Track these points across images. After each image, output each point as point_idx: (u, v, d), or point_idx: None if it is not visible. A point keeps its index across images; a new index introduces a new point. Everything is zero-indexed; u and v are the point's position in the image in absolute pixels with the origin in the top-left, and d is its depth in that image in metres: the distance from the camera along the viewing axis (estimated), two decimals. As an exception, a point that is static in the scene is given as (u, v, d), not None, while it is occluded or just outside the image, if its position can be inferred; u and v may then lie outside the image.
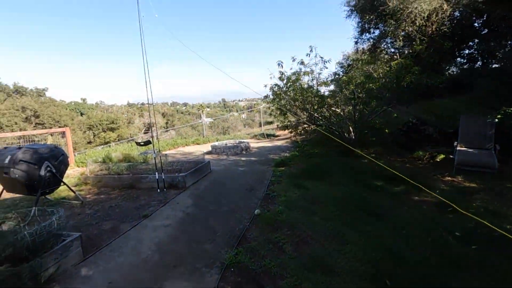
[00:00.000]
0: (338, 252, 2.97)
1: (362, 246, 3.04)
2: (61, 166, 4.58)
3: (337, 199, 4.40)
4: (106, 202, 4.94)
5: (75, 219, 4.19)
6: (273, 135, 13.11)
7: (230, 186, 5.63)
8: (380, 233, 3.35)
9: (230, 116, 46.36)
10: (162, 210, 4.44)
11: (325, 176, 5.74)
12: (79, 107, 45.48)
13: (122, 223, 4.00)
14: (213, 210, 4.37)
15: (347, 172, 6.08)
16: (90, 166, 6.29)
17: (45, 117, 25.96)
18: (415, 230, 3.42)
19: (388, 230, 3.45)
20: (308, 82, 7.25)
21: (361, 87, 6.67)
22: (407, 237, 3.27)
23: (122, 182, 5.77)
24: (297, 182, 5.43)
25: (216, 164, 7.74)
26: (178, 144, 12.50)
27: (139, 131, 35.93)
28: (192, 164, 6.35)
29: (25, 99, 27.07)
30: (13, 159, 3.99)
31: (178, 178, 5.56)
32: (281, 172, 6.39)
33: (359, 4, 13.15)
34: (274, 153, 9.09)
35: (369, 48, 14.57)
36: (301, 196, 4.62)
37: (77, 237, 2.96)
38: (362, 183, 5.26)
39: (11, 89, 30.25)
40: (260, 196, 4.86)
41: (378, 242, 3.10)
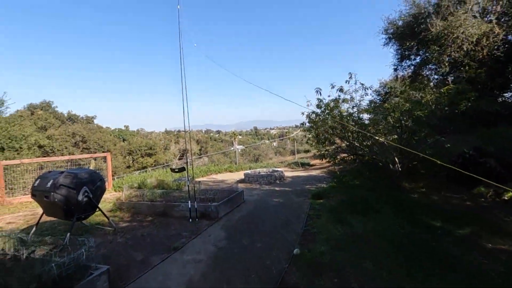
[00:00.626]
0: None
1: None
2: (98, 192, 4.59)
3: (390, 240, 3.81)
4: (138, 230, 4.80)
5: (107, 248, 4.06)
6: (307, 164, 12.61)
7: (265, 219, 5.25)
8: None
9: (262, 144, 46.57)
10: (193, 243, 4.17)
11: (370, 211, 5.14)
12: (122, 133, 48.76)
13: (152, 255, 3.78)
14: (247, 245, 4.00)
15: (395, 207, 5.41)
16: (125, 191, 6.33)
17: (92, 143, 27.99)
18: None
19: (461, 285, 2.81)
20: (348, 110, 6.88)
21: (407, 115, 6.15)
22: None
23: (155, 209, 5.66)
24: (339, 217, 4.90)
25: (250, 193, 7.43)
26: (211, 171, 12.48)
27: (174, 157, 37.21)
28: (225, 193, 6.11)
29: (76, 125, 29.65)
30: (54, 184, 4.05)
31: (211, 208, 5.32)
32: (320, 204, 5.89)
33: (398, 31, 12.82)
34: (310, 184, 8.59)
35: (410, 75, 13.94)
36: (346, 234, 4.09)
37: (104, 270, 2.76)
38: (415, 221, 4.58)
39: (65, 117, 33.46)
40: (298, 232, 4.41)
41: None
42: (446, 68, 11.26)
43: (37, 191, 4.20)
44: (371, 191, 6.76)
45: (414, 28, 11.88)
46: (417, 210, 5.14)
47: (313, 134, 7.31)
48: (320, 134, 7.16)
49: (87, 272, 2.65)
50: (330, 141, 7.11)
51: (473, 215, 4.74)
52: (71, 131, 26.33)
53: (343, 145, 7.38)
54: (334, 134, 7.13)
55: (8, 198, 7.08)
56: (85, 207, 4.33)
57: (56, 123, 29.07)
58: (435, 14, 11.13)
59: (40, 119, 27.36)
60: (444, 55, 11.05)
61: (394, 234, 4.05)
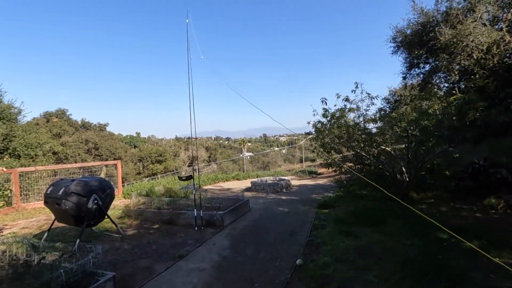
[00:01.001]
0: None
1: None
2: (107, 199, 4.72)
3: (396, 253, 3.77)
4: (144, 237, 4.89)
5: (113, 254, 4.16)
6: (315, 172, 12.55)
7: (269, 228, 5.26)
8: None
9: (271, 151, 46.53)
10: (198, 251, 4.23)
11: (376, 223, 5.09)
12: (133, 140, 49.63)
13: (157, 263, 3.85)
14: (251, 255, 4.03)
15: (401, 218, 5.34)
16: (134, 199, 6.46)
17: (103, 149, 28.63)
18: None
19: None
20: (354, 119, 6.87)
21: (414, 124, 6.10)
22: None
23: (162, 217, 5.76)
24: (344, 228, 4.88)
25: (256, 202, 7.46)
26: (218, 179, 12.57)
27: (183, 164, 37.57)
28: (231, 202, 6.17)
29: (89, 133, 30.42)
30: (66, 191, 4.20)
31: (216, 216, 5.38)
32: (325, 214, 5.86)
33: (406, 40, 12.77)
34: (317, 193, 8.55)
35: (419, 83, 13.81)
36: (351, 246, 4.06)
37: (110, 277, 2.85)
38: (422, 233, 4.51)
39: (79, 124, 34.39)
40: (303, 242, 4.41)
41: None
42: (456, 76, 11.12)
43: (50, 198, 4.36)
44: (378, 202, 6.69)
45: (423, 37, 11.82)
46: (424, 221, 5.05)
47: (319, 143, 7.32)
48: (326, 143, 7.17)
49: (93, 279, 2.74)
50: (336, 150, 7.10)
51: (482, 228, 4.63)
52: (84, 138, 27.03)
53: (350, 154, 7.35)
54: (340, 143, 7.12)
55: (23, 204, 7.32)
56: (94, 214, 4.46)
57: (70, 130, 29.91)
58: (443, 22, 11.07)
59: (55, 126, 28.22)
60: (454, 63, 10.93)
61: (400, 247, 4.01)
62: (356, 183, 8.83)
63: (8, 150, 8.68)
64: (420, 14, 12.24)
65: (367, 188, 8.09)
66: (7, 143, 8.68)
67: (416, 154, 6.32)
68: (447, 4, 11.65)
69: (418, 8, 12.04)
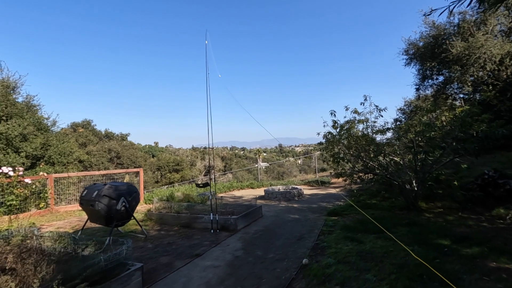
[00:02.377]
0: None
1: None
2: (133, 202, 5.27)
3: (395, 257, 4.03)
4: (165, 238, 5.38)
5: (138, 252, 4.66)
6: (327, 182, 12.75)
7: (279, 233, 5.62)
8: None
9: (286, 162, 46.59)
10: (213, 251, 4.65)
11: (382, 230, 5.32)
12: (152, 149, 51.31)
13: (177, 260, 4.30)
14: (261, 256, 4.40)
15: (407, 227, 5.54)
16: (155, 203, 7.02)
17: (125, 158, 29.96)
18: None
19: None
20: (363, 130, 7.17)
21: (421, 136, 6.34)
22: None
23: (180, 221, 6.25)
24: (350, 234, 5.16)
25: (268, 209, 7.83)
26: (233, 187, 13.03)
27: (199, 173, 38.43)
28: (244, 208, 6.58)
29: (112, 142, 31.98)
30: (99, 194, 4.78)
31: (230, 221, 5.80)
32: (334, 222, 6.14)
33: (418, 52, 12.96)
34: (327, 201, 8.80)
35: (433, 94, 13.85)
36: (354, 250, 4.35)
37: (139, 267, 3.32)
38: (425, 241, 4.71)
39: (103, 134, 36.21)
40: (310, 246, 4.74)
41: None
42: (469, 87, 11.17)
43: (84, 200, 4.96)
44: (386, 211, 6.89)
45: (435, 49, 12.00)
46: (429, 230, 5.25)
47: (330, 153, 7.64)
48: (336, 153, 7.48)
49: (125, 268, 3.22)
50: (345, 160, 7.39)
51: (485, 236, 4.78)
52: (107, 148, 28.45)
53: (359, 164, 7.61)
54: (349, 153, 7.41)
55: (56, 207, 8.07)
56: (122, 215, 5.01)
57: (95, 140, 31.54)
58: (455, 35, 11.23)
59: (81, 136, 29.89)
60: (467, 74, 11.01)
61: (400, 251, 4.25)
62: (366, 193, 9.02)
63: (44, 158, 9.61)
64: (432, 27, 12.45)
65: (376, 197, 8.28)
66: (43, 151, 9.61)
67: (424, 164, 6.52)
68: (459, 17, 11.80)
69: (430, 21, 12.27)
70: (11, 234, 4.17)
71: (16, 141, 8.62)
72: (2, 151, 8.35)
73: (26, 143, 8.98)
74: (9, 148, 8.45)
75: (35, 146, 9.09)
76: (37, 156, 9.27)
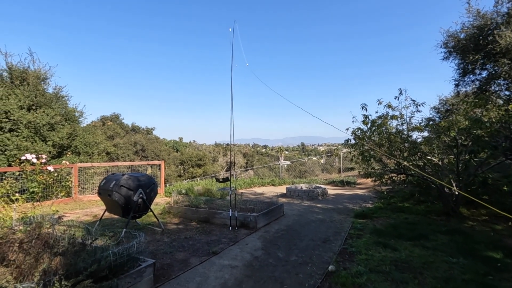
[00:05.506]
0: None
1: None
2: (151, 194, 5.11)
3: (437, 269, 3.51)
4: (182, 233, 5.18)
5: (154, 245, 4.48)
6: (353, 182, 12.08)
7: (302, 234, 5.22)
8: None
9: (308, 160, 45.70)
10: (231, 249, 4.36)
11: (418, 238, 4.77)
12: (176, 144, 52.43)
13: (193, 256, 4.06)
14: (282, 258, 4.04)
15: (448, 234, 4.93)
16: (174, 197, 6.87)
17: (149, 152, 30.73)
18: None
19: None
20: (397, 127, 6.56)
21: (465, 133, 5.64)
22: None
23: (199, 215, 6.04)
24: (382, 239, 4.66)
25: (290, 208, 7.44)
26: (254, 183, 12.74)
27: (221, 168, 38.65)
28: (265, 205, 6.25)
29: (137, 136, 32.94)
30: (116, 184, 4.65)
31: (250, 218, 5.49)
32: (362, 225, 5.64)
33: (459, 44, 11.84)
34: (354, 202, 8.24)
35: (474, 91, 12.66)
36: (387, 258, 3.87)
37: (151, 264, 3.09)
38: (471, 251, 4.11)
39: (129, 128, 37.45)
40: (336, 250, 4.31)
41: None
42: (519, 83, 10.02)
43: (102, 189, 4.86)
44: (421, 216, 6.26)
45: (479, 41, 10.87)
46: (474, 239, 4.61)
47: (358, 152, 7.09)
48: (366, 151, 6.92)
49: (136, 263, 3.00)
50: (376, 159, 6.81)
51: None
52: (133, 141, 29.32)
53: (391, 164, 7.00)
54: (380, 152, 6.83)
55: (80, 195, 8.21)
56: (139, 207, 4.86)
57: (122, 133, 32.64)
58: (504, 24, 10.10)
59: (109, 129, 31.04)
60: (517, 68, 9.87)
61: (442, 263, 3.72)
62: (397, 195, 8.35)
63: (71, 148, 9.88)
64: (476, 17, 11.30)
65: (409, 200, 7.61)
66: (70, 141, 9.89)
67: (467, 166, 5.82)
68: (509, 5, 10.63)
69: (474, 10, 11.14)
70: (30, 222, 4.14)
71: (44, 130, 8.92)
72: (30, 139, 8.67)
73: (53, 132, 9.28)
74: (37, 137, 8.76)
75: (61, 136, 9.36)
76: (63, 145, 9.56)
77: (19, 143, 8.31)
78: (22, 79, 9.68)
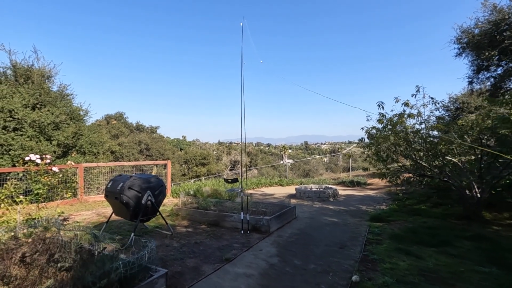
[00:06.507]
0: None
1: None
2: (159, 196, 4.89)
3: (470, 281, 3.25)
4: (192, 237, 4.96)
5: (163, 251, 4.26)
6: (363, 183, 11.78)
7: (317, 238, 4.98)
8: None
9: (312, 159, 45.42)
10: (244, 256, 4.13)
11: (442, 244, 4.50)
12: (180, 143, 52.37)
13: (205, 263, 3.83)
14: (300, 266, 3.80)
15: (472, 241, 4.66)
16: (182, 198, 6.66)
17: (154, 151, 30.63)
18: None
19: None
20: (415, 126, 6.27)
21: (489, 133, 5.34)
22: None
23: (208, 218, 5.82)
24: (403, 246, 4.40)
25: (301, 210, 7.20)
26: (262, 183, 12.50)
27: (225, 167, 38.50)
28: (277, 208, 6.01)
29: (142, 135, 32.85)
30: (124, 186, 4.44)
31: (262, 221, 5.26)
32: (380, 229, 5.38)
33: (474, 40, 11.47)
34: (367, 204, 7.97)
35: (488, 88, 12.29)
36: (414, 267, 3.62)
37: (163, 274, 2.87)
38: (503, 261, 3.84)
39: (134, 126, 37.38)
40: (356, 257, 4.06)
41: None
42: (537, 80, 9.66)
43: (109, 192, 4.65)
44: (440, 219, 5.98)
45: (495, 36, 10.51)
46: (502, 246, 4.34)
47: (373, 151, 6.82)
48: (381, 151, 6.64)
49: (148, 274, 2.78)
50: (393, 159, 6.53)
51: None
52: (137, 140, 29.23)
53: (408, 164, 6.72)
54: (396, 151, 6.55)
55: (85, 196, 8.04)
56: (147, 210, 4.64)
57: (126, 132, 32.58)
58: (522, 19, 9.72)
59: (114, 128, 30.99)
60: (535, 65, 9.51)
61: (473, 274, 3.45)
62: (412, 197, 8.06)
63: (76, 147, 9.72)
64: (492, 11, 10.92)
65: (425, 203, 7.33)
66: (75, 140, 9.73)
67: (490, 167, 5.52)
68: (527, -2, 10.23)
69: (490, 4, 10.78)
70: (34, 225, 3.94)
71: (49, 129, 8.75)
72: (35, 138, 8.50)
73: (59, 131, 9.11)
74: (42, 136, 8.59)
75: (66, 135, 9.19)
76: (68, 145, 9.40)
77: (23, 143, 8.15)
78: (26, 77, 9.52)
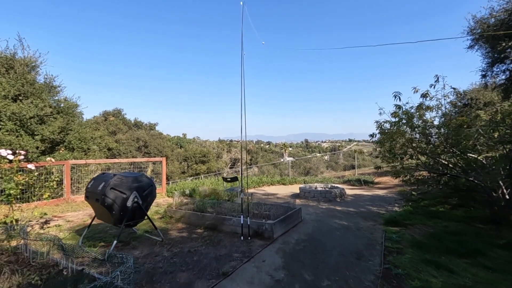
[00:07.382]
0: None
1: None
2: (148, 198, 4.29)
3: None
4: (186, 244, 4.36)
5: (151, 262, 3.66)
6: (371, 182, 11.16)
7: (328, 246, 4.37)
8: None
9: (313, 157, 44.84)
10: (245, 268, 3.53)
11: (473, 254, 3.90)
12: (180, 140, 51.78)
13: (199, 279, 3.23)
14: (311, 282, 3.19)
15: (507, 249, 4.06)
16: (176, 198, 6.06)
17: (152, 148, 30.06)
18: None
19: None
20: (435, 119, 5.65)
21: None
22: None
23: (205, 221, 5.22)
24: (429, 256, 3.79)
25: (307, 211, 6.59)
26: (263, 182, 11.90)
27: (225, 165, 37.91)
28: (281, 210, 5.40)
29: (140, 131, 32.24)
30: (106, 186, 3.83)
31: (265, 226, 4.65)
32: (398, 235, 4.77)
33: (488, 31, 10.81)
34: (378, 205, 7.35)
35: (503, 82, 11.64)
36: (449, 285, 3.01)
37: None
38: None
39: (132, 123, 36.75)
40: (377, 271, 3.45)
41: None
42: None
43: (90, 192, 4.04)
44: (463, 223, 5.37)
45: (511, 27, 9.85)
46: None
47: (386, 148, 6.19)
48: (396, 147, 6.03)
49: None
50: (411, 155, 5.92)
51: None
52: (135, 136, 28.64)
53: (424, 161, 6.10)
54: (413, 147, 5.93)
55: (73, 196, 7.43)
56: (134, 213, 4.04)
57: (124, 128, 31.97)
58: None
59: (112, 125, 30.39)
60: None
61: (525, 293, 2.85)
62: (427, 197, 7.45)
63: (64, 143, 9.09)
64: (508, 0, 10.26)
65: (443, 204, 6.71)
66: (63, 135, 9.09)
67: (522, 165, 4.90)
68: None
69: (507, -8, 10.09)
70: None
71: (31, 122, 8.06)
72: (15, 132, 7.82)
73: (43, 125, 8.45)
74: (23, 130, 7.90)
75: (52, 130, 8.51)
76: (55, 140, 8.73)
77: (1, 137, 7.46)
78: (8, 66, 8.83)
